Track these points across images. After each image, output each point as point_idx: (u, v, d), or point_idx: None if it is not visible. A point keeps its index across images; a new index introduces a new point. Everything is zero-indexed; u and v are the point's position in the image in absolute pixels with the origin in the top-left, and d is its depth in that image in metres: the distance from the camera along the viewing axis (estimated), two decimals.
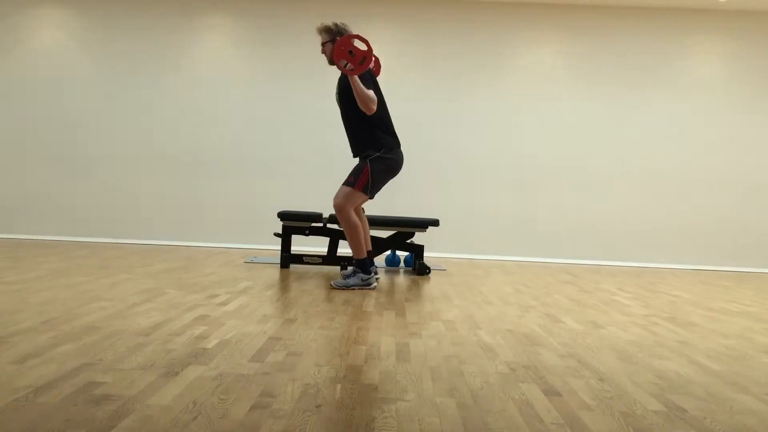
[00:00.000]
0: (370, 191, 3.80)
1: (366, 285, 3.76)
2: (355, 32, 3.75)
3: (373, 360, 2.08)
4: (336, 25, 3.79)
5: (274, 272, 4.37)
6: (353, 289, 3.71)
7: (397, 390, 1.77)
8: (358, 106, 3.72)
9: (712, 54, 6.18)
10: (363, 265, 3.78)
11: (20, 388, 1.64)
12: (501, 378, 1.94)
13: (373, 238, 4.63)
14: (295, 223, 4.66)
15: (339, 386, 1.78)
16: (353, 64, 3.56)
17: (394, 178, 4.02)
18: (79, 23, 6.23)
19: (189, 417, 1.49)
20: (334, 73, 6.27)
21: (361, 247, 3.78)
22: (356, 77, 3.60)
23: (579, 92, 6.22)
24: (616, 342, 2.56)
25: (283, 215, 4.66)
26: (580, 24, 6.20)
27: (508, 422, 1.55)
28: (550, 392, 1.81)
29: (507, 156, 6.22)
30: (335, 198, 3.77)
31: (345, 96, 3.80)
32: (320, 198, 5.66)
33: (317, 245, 5.83)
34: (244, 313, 2.81)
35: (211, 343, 2.21)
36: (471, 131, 6.23)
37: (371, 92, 3.67)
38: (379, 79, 3.87)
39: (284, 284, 3.80)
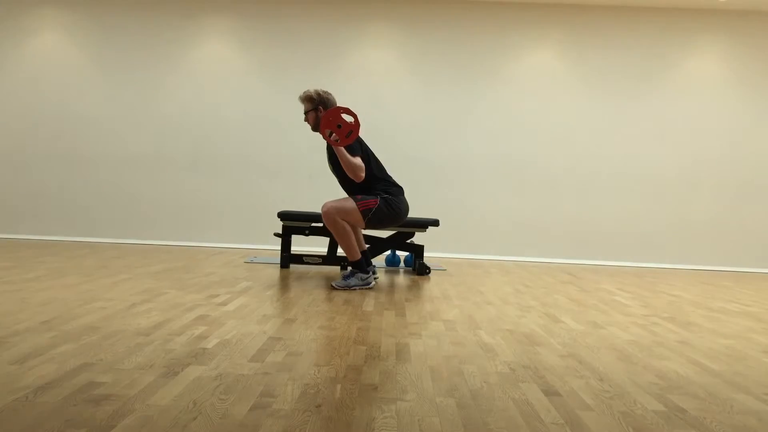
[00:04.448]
0: (368, 221, 3.79)
1: (365, 285, 3.76)
2: (341, 101, 3.80)
3: (373, 360, 2.08)
4: (318, 94, 3.85)
5: (274, 272, 4.37)
6: (354, 289, 3.71)
7: (397, 390, 1.77)
8: None
9: (712, 54, 6.18)
10: (360, 266, 3.78)
11: (20, 388, 1.64)
12: (501, 378, 1.94)
13: (373, 238, 4.64)
14: (295, 223, 4.66)
15: (339, 386, 1.78)
16: (339, 136, 3.61)
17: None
18: (80, 23, 6.23)
19: (189, 417, 1.49)
20: (334, 73, 6.30)
21: (354, 249, 3.78)
22: (341, 147, 3.64)
23: (579, 92, 6.22)
24: (616, 342, 2.56)
25: (283, 215, 4.66)
26: (580, 24, 6.20)
27: (508, 422, 1.55)
28: (550, 392, 1.81)
29: (507, 156, 6.22)
30: (327, 202, 3.75)
31: (337, 163, 3.83)
32: (320, 198, 5.66)
33: (317, 245, 5.83)
34: (244, 313, 2.81)
35: (211, 343, 2.21)
36: (471, 131, 6.23)
37: (358, 160, 3.72)
38: (378, 81, 3.87)
39: (284, 284, 3.80)
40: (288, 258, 4.67)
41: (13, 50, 6.23)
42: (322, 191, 5.77)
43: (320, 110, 3.82)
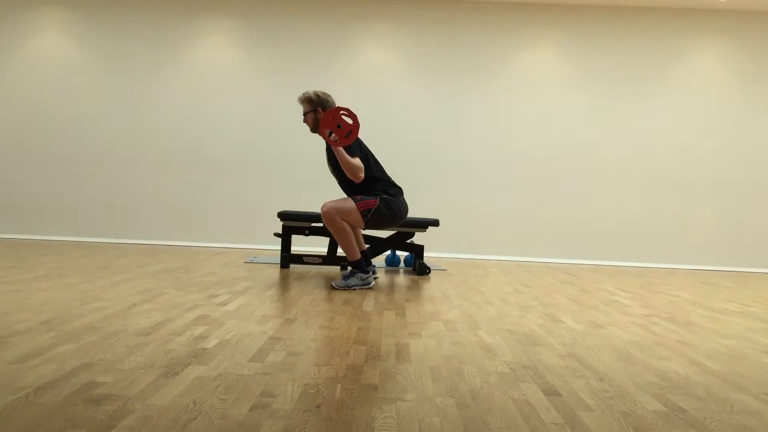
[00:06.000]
0: (368, 221, 3.79)
1: (365, 285, 3.76)
2: (342, 99, 3.81)
3: (373, 360, 2.08)
4: (317, 95, 3.86)
5: (274, 272, 4.37)
6: (354, 289, 3.71)
7: (397, 390, 1.77)
8: None
9: (711, 54, 6.18)
10: (359, 266, 3.78)
11: (20, 388, 1.64)
12: (501, 378, 1.94)
13: (373, 238, 4.64)
14: (295, 223, 4.66)
15: (339, 386, 1.78)
16: (338, 136, 3.62)
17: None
18: (79, 23, 6.23)
19: (189, 417, 1.49)
20: (335, 73, 6.30)
21: (354, 249, 3.78)
22: (341, 148, 3.66)
23: (578, 92, 6.22)
24: (616, 342, 2.56)
25: (283, 215, 4.66)
26: (580, 24, 6.21)
27: (508, 422, 1.55)
28: (550, 392, 1.81)
29: (507, 156, 6.22)
30: (326, 203, 3.76)
31: (337, 164, 3.84)
32: (320, 198, 5.67)
33: (317, 245, 5.83)
34: (244, 313, 2.81)
35: (211, 343, 2.21)
36: (471, 131, 6.23)
37: (357, 160, 3.73)
38: (379, 81, 3.89)
39: (284, 284, 3.80)
40: (288, 258, 4.67)
41: (12, 49, 6.23)
42: (323, 191, 5.77)
43: (319, 111, 3.83)
